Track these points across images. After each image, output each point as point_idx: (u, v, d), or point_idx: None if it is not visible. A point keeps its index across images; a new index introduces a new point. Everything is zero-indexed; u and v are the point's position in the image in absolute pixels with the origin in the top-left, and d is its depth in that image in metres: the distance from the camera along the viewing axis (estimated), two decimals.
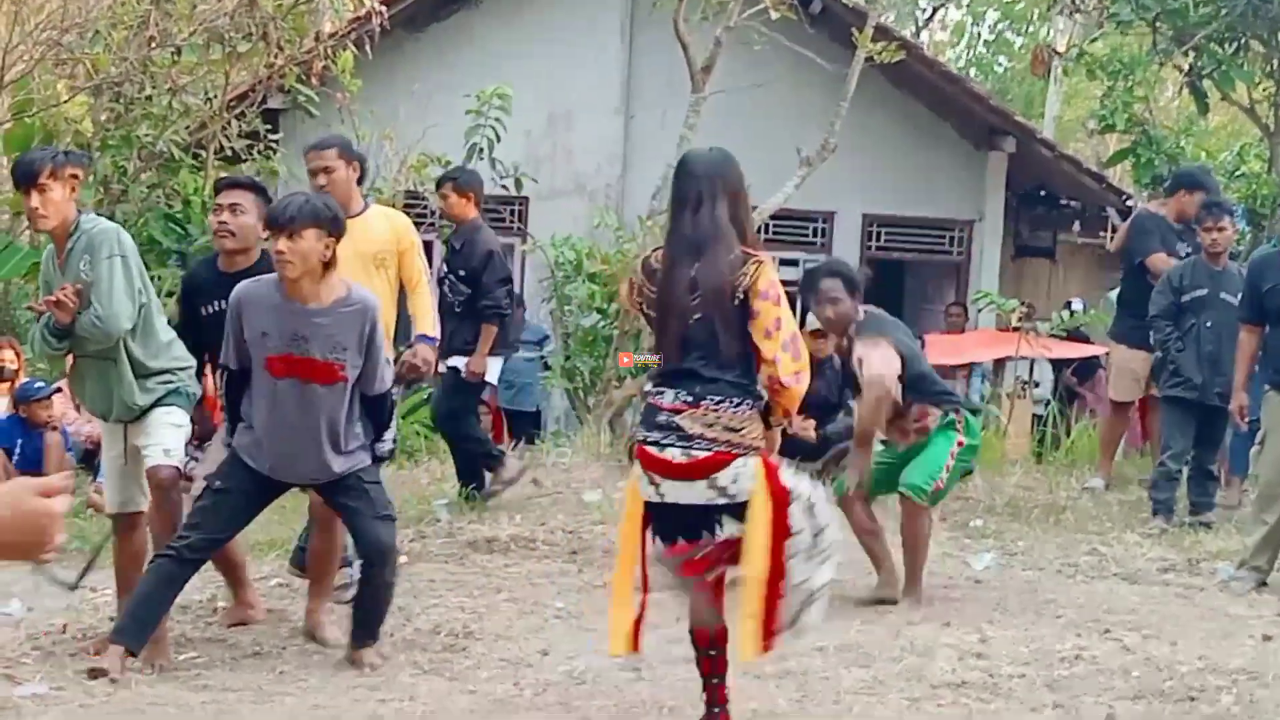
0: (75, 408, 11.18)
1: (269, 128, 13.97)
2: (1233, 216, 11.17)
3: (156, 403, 6.73)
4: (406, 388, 11.46)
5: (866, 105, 15.68)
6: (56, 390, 11.23)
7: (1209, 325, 10.38)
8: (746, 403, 5.47)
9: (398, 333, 8.30)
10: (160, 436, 6.70)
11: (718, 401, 5.41)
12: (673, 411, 5.42)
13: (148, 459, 6.69)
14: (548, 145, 16.68)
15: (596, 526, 9.84)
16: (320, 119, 13.65)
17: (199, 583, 7.44)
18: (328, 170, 7.80)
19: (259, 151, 13.71)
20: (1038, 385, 15.88)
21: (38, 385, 11.25)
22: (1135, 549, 9.76)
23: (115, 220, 13.52)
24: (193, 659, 6.65)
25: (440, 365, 9.75)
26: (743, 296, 5.42)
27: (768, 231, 16.17)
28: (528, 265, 16.66)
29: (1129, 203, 14.24)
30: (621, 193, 16.81)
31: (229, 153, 13.75)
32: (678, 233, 5.58)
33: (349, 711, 6.05)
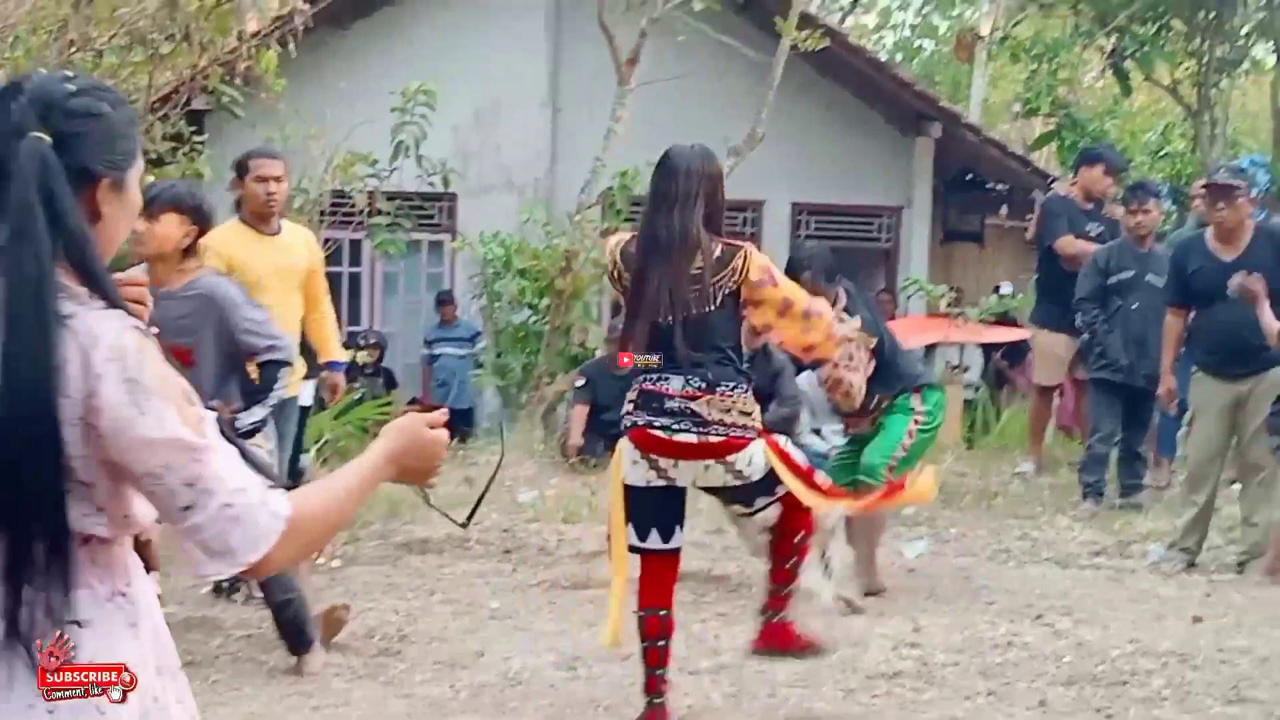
0: None
1: (194, 129, 13.84)
2: (1158, 198, 11.25)
3: None
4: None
5: (793, 93, 15.72)
6: None
7: (1135, 307, 10.45)
8: (749, 388, 5.69)
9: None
10: None
11: (731, 388, 5.59)
12: (686, 398, 5.55)
13: None
14: (475, 141, 16.62)
15: (531, 525, 9.86)
16: (246, 119, 13.55)
17: None
18: (279, 180, 7.79)
19: (184, 154, 13.61)
20: (967, 370, 15.99)
21: None
22: (1066, 533, 9.85)
23: None
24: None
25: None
26: (733, 288, 5.59)
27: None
28: (457, 262, 16.62)
29: (1054, 185, 14.32)
30: (550, 187, 16.77)
31: (154, 156, 13.65)
32: (656, 228, 5.66)
33: (284, 718, 6.03)
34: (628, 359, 11.58)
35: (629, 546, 5.83)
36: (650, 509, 5.75)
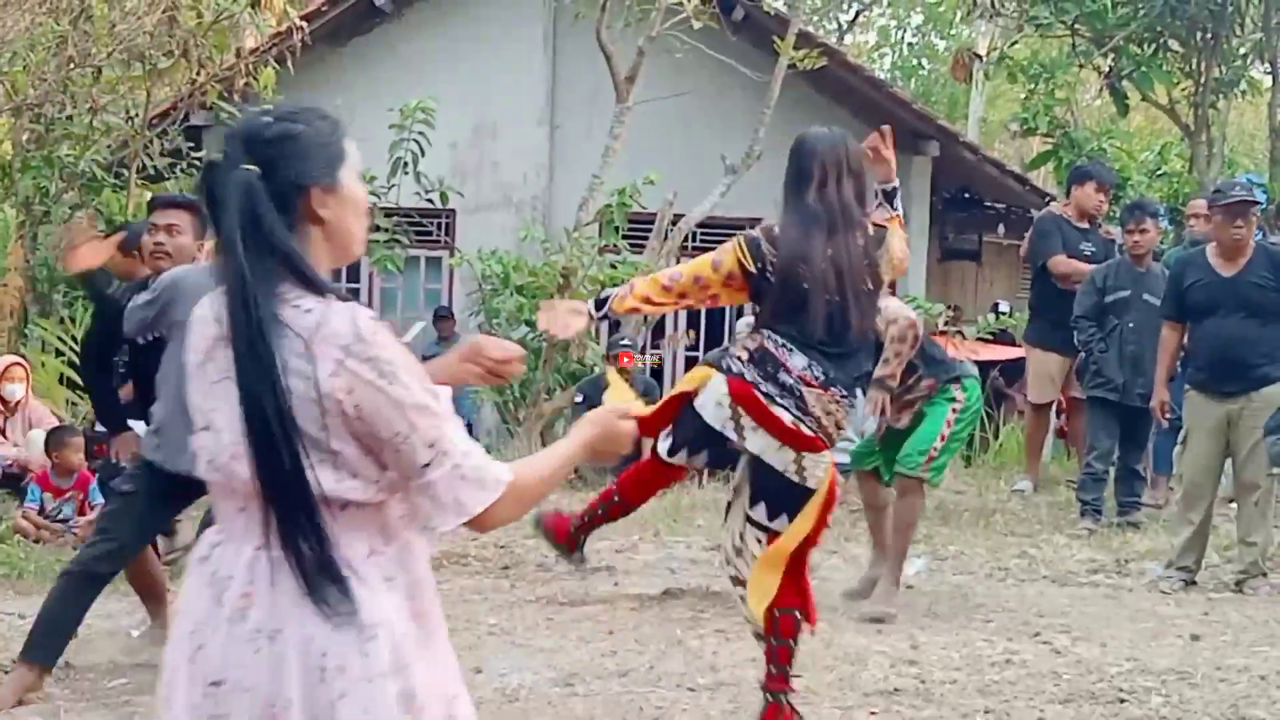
0: (0, 432, 11.08)
1: (191, 145, 13.89)
2: (1155, 217, 11.27)
3: None
4: None
5: (790, 112, 15.70)
6: None
7: (1131, 326, 10.47)
8: (854, 402, 5.73)
9: None
10: None
11: (841, 396, 5.61)
12: (801, 381, 5.53)
13: None
14: (473, 158, 16.66)
15: (528, 541, 9.82)
16: None
17: (129, 606, 7.41)
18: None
19: (182, 169, 13.63)
20: None
21: None
22: (1064, 550, 9.84)
23: (38, 242, 13.53)
24: (122, 685, 6.59)
25: None
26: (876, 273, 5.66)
27: (695, 240, 16.20)
28: (455, 279, 16.64)
29: (1050, 204, 14.36)
30: (548, 204, 16.80)
31: (152, 171, 13.67)
32: (813, 208, 5.61)
33: None
34: (628, 359, 11.52)
35: (658, 457, 5.92)
36: (695, 437, 5.76)
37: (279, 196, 2.89)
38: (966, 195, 19.25)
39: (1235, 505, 9.44)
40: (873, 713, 6.34)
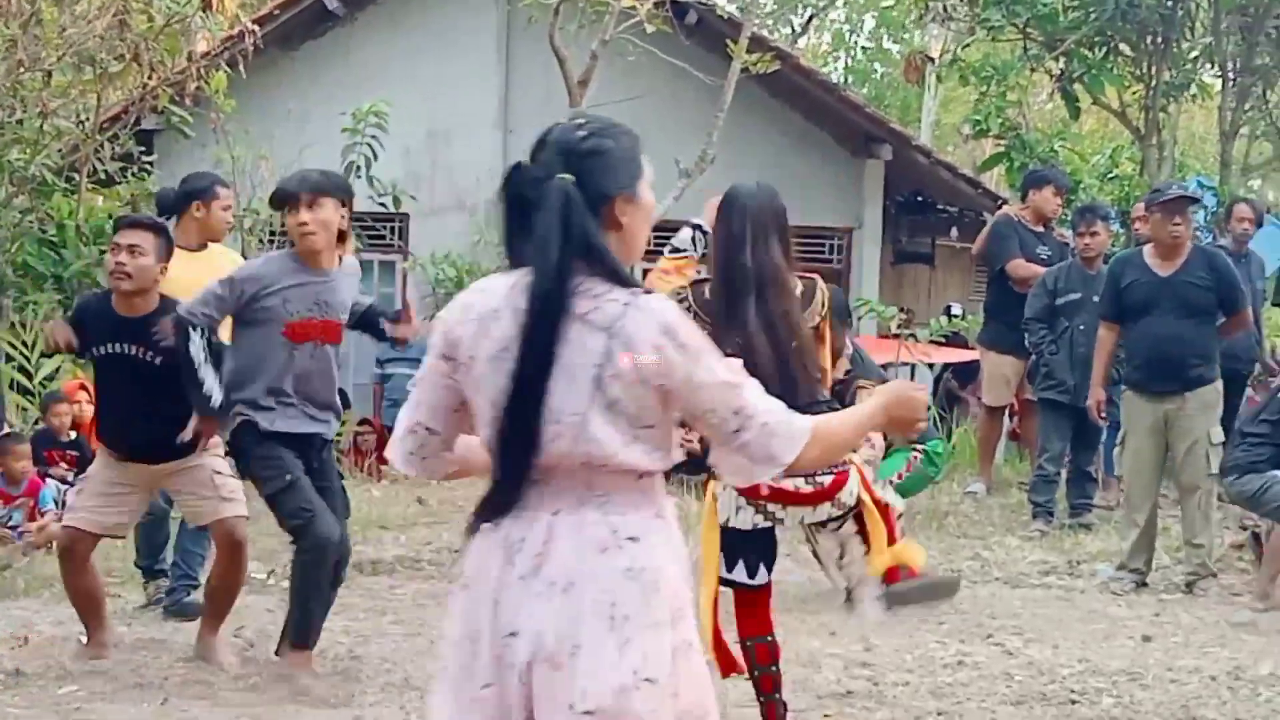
0: None
1: (143, 149, 13.81)
2: (1106, 220, 11.34)
3: None
4: None
5: (744, 115, 15.76)
6: None
7: (1082, 328, 10.51)
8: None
9: None
10: None
11: None
12: None
13: None
14: (427, 162, 16.61)
15: None
16: (195, 139, 13.53)
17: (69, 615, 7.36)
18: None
19: (133, 173, 13.56)
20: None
21: None
22: (1016, 552, 9.88)
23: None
24: (73, 692, 6.55)
25: None
26: (816, 322, 5.65)
27: (650, 244, 16.18)
28: (409, 283, 16.60)
29: (1004, 207, 14.41)
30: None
31: (103, 176, 13.59)
32: (738, 268, 5.56)
33: None
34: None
35: (738, 584, 5.78)
36: (756, 547, 5.71)
37: (589, 203, 3.26)
38: (919, 199, 19.29)
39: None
40: (826, 715, 6.36)
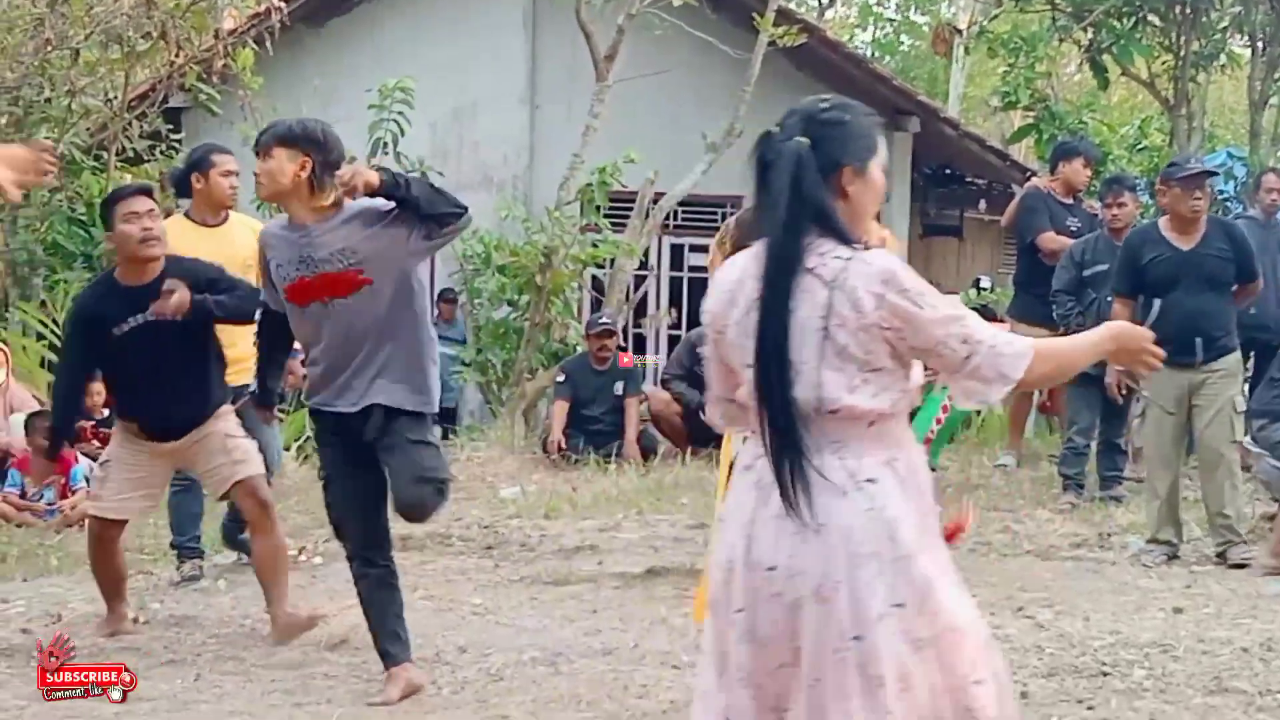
0: None
1: (171, 127, 13.85)
2: (1133, 191, 11.27)
3: None
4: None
5: (770, 89, 15.69)
6: None
7: (1110, 300, 10.43)
8: None
9: None
10: None
11: None
12: None
13: None
14: (453, 138, 16.61)
15: (512, 521, 9.85)
16: (222, 117, 13.55)
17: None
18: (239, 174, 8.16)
19: (161, 151, 13.59)
20: None
21: None
22: (1047, 525, 9.85)
23: (18, 225, 13.47)
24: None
25: None
26: None
27: (676, 218, 16.21)
28: (437, 259, 16.56)
29: (1033, 179, 14.36)
30: (529, 184, 16.76)
31: (131, 153, 13.62)
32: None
33: (266, 716, 6.02)
34: (628, 359, 11.45)
35: None
36: None
37: (820, 169, 3.59)
38: (948, 171, 19.25)
39: None
40: None
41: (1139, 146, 19.76)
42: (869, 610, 3.51)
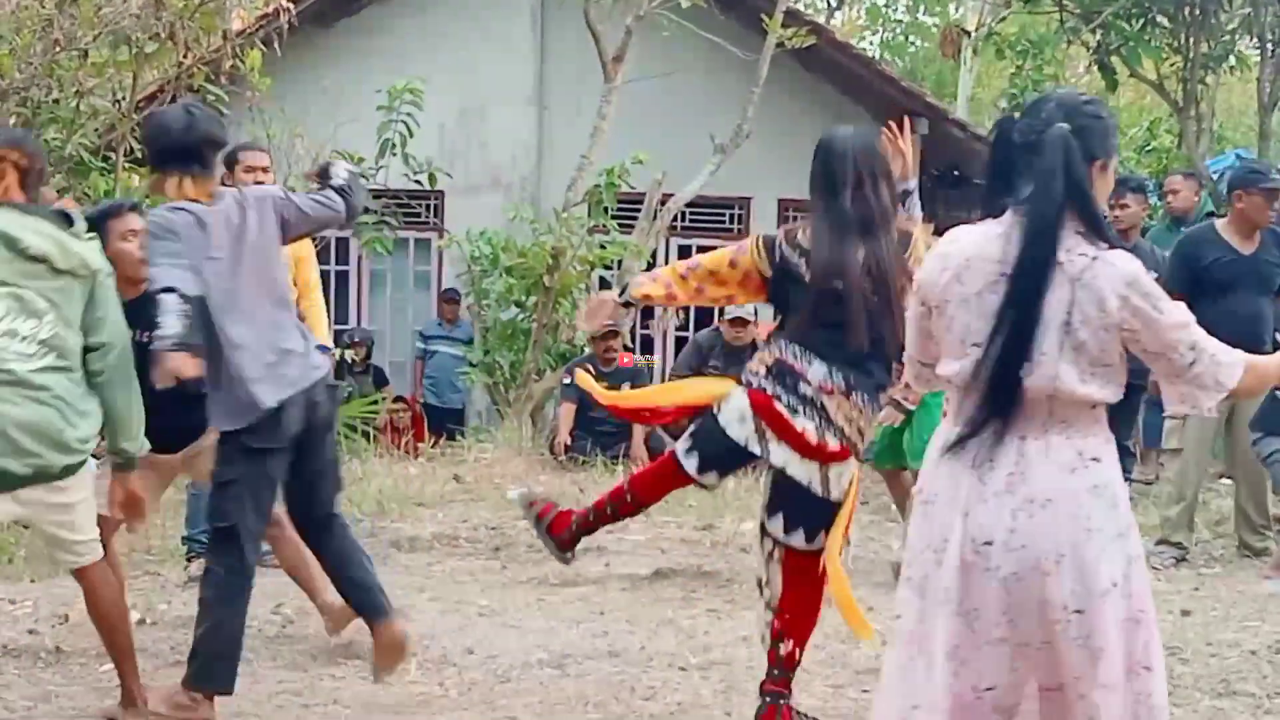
0: None
1: None
2: (1135, 192, 11.19)
3: None
4: None
5: (779, 90, 15.71)
6: None
7: None
8: (880, 407, 5.61)
9: None
10: None
11: (866, 400, 5.45)
12: (821, 390, 5.37)
13: None
14: (462, 139, 16.61)
15: (519, 523, 9.81)
16: (230, 118, 13.53)
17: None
18: (265, 170, 8.14)
19: None
20: None
21: None
22: None
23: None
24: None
25: None
26: (908, 279, 5.33)
27: (684, 220, 16.21)
28: (444, 260, 16.61)
29: None
30: (537, 185, 16.77)
31: (139, 154, 13.60)
32: (845, 209, 5.46)
33: (273, 716, 6.02)
34: (628, 359, 11.48)
35: (681, 469, 5.61)
36: (724, 455, 5.55)
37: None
38: (956, 173, 19.22)
39: (1224, 480, 9.45)
40: (864, 690, 6.35)
41: (1148, 148, 19.76)
42: (1094, 584, 3.72)
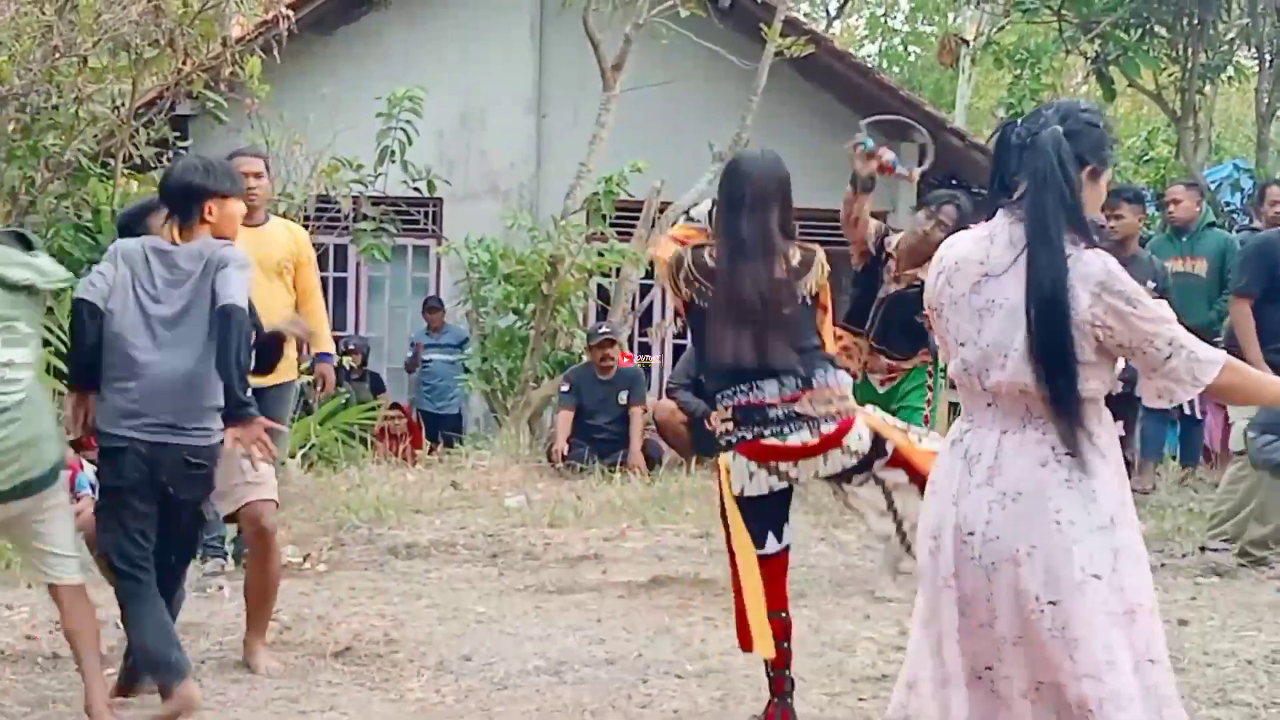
0: None
1: (178, 135, 13.83)
2: (1131, 203, 11.16)
3: None
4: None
5: (777, 99, 15.73)
6: None
7: None
8: (839, 373, 5.75)
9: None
10: None
11: (825, 378, 5.64)
12: (786, 402, 5.58)
13: None
14: (460, 146, 16.63)
15: (517, 529, 9.85)
16: (230, 125, 13.55)
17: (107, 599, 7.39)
18: (259, 176, 8.18)
19: (168, 159, 13.57)
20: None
21: None
22: None
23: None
24: (109, 676, 6.59)
25: None
26: (814, 290, 5.71)
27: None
28: (443, 267, 16.62)
29: None
30: (535, 192, 16.79)
31: (138, 161, 13.62)
32: (739, 233, 5.67)
33: None
34: (628, 359, 11.53)
35: (768, 552, 5.76)
36: (767, 514, 5.72)
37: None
38: (954, 182, 19.20)
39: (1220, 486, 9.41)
40: (861, 699, 6.35)
41: (1146, 158, 19.76)
42: (1066, 575, 3.83)
